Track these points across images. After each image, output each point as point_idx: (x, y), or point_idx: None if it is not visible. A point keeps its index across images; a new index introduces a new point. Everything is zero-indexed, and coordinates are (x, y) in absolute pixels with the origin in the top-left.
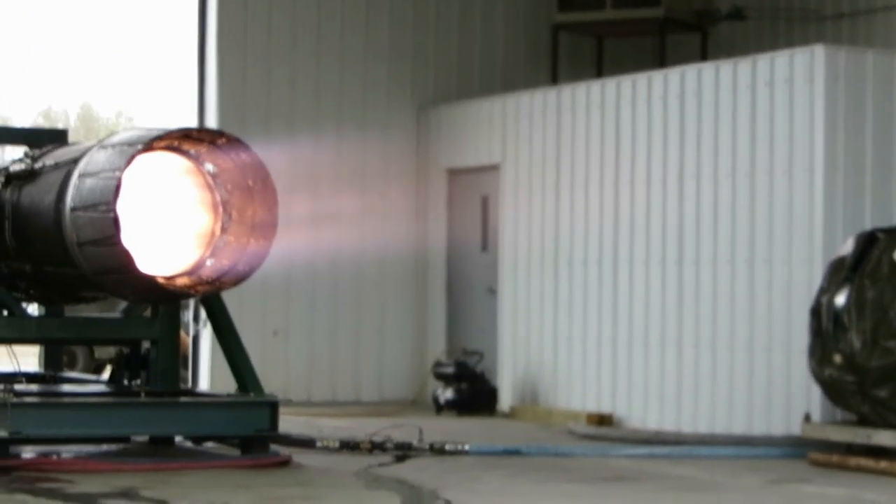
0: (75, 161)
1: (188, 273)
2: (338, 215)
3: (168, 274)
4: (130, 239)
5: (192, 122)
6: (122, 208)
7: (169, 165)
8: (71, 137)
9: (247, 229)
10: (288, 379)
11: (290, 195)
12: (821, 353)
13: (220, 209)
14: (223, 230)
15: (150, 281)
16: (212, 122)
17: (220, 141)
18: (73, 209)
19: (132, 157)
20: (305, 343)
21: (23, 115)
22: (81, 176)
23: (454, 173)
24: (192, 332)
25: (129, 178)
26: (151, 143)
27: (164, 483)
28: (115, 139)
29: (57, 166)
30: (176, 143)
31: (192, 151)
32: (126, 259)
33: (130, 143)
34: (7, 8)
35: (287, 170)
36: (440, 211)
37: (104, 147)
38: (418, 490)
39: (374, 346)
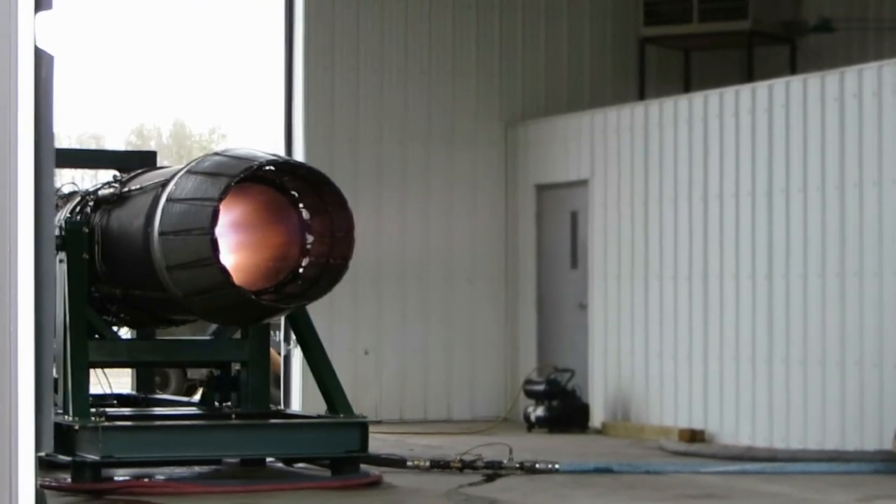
0: (162, 186)
1: (273, 291)
2: (426, 231)
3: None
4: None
5: (281, 139)
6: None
7: (253, 190)
8: (163, 155)
9: (326, 249)
10: (380, 398)
11: (379, 212)
12: None
13: (303, 231)
14: (305, 251)
15: (242, 297)
16: (299, 138)
17: (301, 171)
18: (163, 233)
19: (227, 188)
20: (396, 362)
21: (116, 133)
22: (169, 201)
23: (543, 189)
24: (282, 353)
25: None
26: (240, 175)
27: None
28: (202, 166)
29: (143, 191)
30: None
31: (276, 179)
32: (224, 277)
33: (219, 173)
34: (100, 27)
35: (375, 187)
36: (529, 227)
37: (192, 173)
38: None
39: (465, 363)
